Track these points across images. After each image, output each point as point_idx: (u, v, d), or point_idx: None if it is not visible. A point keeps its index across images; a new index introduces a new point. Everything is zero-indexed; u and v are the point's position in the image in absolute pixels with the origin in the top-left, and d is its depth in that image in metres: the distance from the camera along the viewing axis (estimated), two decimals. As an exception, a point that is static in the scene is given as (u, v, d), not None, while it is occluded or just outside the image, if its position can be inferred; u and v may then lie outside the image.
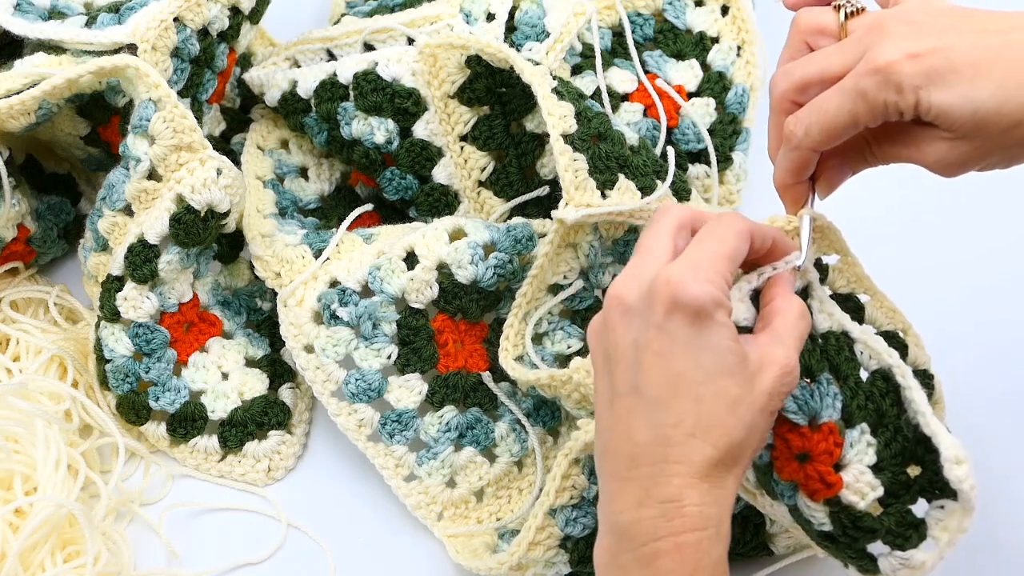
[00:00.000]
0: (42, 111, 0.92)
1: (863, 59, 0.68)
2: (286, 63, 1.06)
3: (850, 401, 0.73)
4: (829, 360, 0.74)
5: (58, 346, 0.95)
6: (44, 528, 0.85)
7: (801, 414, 0.72)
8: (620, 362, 0.68)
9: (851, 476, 0.71)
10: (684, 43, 1.08)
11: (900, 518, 0.71)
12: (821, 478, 0.71)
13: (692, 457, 0.66)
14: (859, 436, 0.72)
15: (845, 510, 0.71)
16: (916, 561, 0.70)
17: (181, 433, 0.94)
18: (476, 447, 0.92)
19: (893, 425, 0.72)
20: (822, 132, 0.70)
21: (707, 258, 0.68)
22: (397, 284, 0.91)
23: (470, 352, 0.93)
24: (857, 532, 0.71)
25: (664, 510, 0.66)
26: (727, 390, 0.66)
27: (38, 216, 1.00)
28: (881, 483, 0.71)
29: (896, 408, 0.73)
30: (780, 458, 0.73)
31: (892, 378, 0.73)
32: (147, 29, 0.93)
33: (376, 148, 0.98)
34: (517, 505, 0.92)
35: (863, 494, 0.71)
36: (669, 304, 0.66)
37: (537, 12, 1.04)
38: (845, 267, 0.81)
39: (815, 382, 0.73)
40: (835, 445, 0.72)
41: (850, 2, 0.73)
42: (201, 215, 0.91)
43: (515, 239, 0.91)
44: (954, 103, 0.66)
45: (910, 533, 0.70)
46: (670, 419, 0.66)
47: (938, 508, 0.71)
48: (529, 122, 0.97)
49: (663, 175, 0.93)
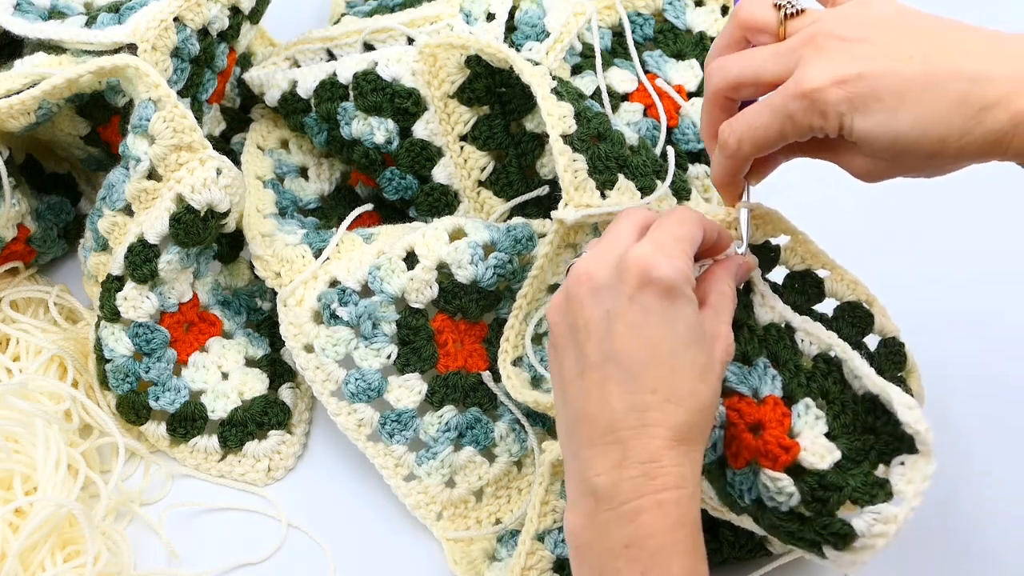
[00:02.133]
0: (42, 111, 0.92)
1: (793, 78, 0.71)
2: (286, 63, 1.06)
3: (790, 381, 0.76)
4: (768, 348, 0.78)
5: (58, 346, 0.95)
6: (44, 528, 0.85)
7: (743, 385, 0.76)
8: (591, 334, 0.71)
9: (807, 441, 0.73)
10: (684, 43, 1.08)
11: (864, 478, 0.73)
12: (778, 442, 0.73)
13: (669, 421, 0.69)
14: (805, 409, 0.75)
15: (809, 473, 0.73)
16: (888, 514, 0.71)
17: (181, 433, 0.94)
18: (475, 447, 0.92)
19: (839, 401, 0.76)
20: (753, 145, 0.74)
21: (671, 239, 0.72)
22: (397, 284, 0.91)
23: (470, 352, 0.93)
24: (825, 492, 0.72)
25: (645, 470, 0.68)
26: (696, 359, 0.70)
27: (38, 216, 1.00)
28: (838, 448, 0.73)
29: (840, 385, 0.76)
30: (735, 437, 0.75)
31: (833, 357, 0.77)
32: (147, 29, 0.93)
33: (376, 148, 0.98)
34: (516, 505, 0.92)
35: (822, 456, 0.73)
36: (641, 279, 0.70)
37: (537, 12, 1.04)
38: (797, 245, 0.84)
39: (751, 366, 0.77)
40: (783, 415, 0.75)
41: (791, 3, 0.74)
42: (201, 215, 0.91)
43: (515, 239, 0.91)
44: (875, 130, 0.69)
45: (876, 491, 0.72)
46: (647, 386, 0.69)
47: (899, 465, 0.73)
48: (529, 122, 0.97)
49: (663, 175, 0.93)
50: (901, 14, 0.71)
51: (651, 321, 0.70)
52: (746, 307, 0.80)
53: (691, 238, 0.73)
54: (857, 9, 0.72)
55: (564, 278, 0.90)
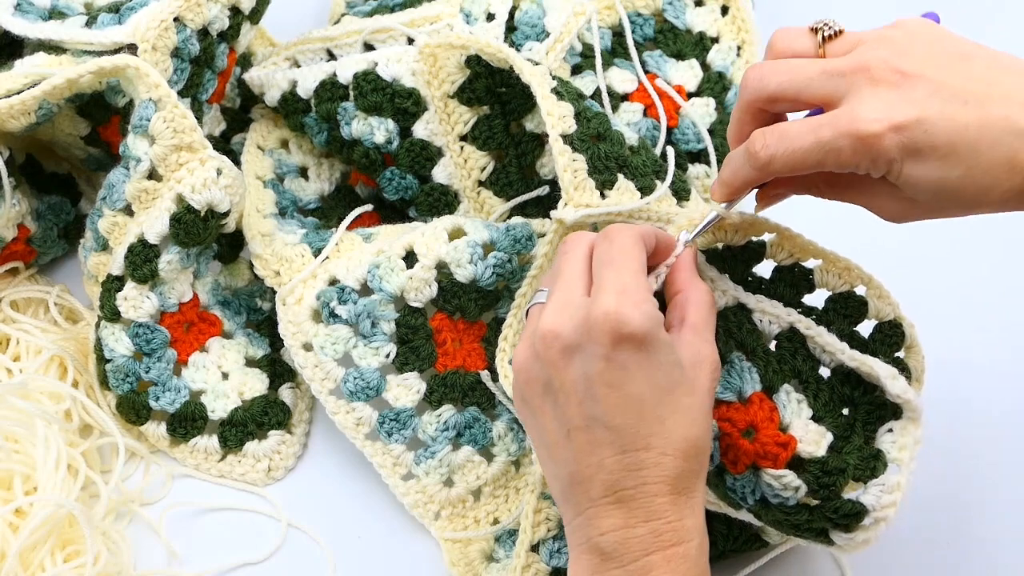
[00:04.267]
0: (42, 111, 0.92)
1: (847, 113, 0.68)
2: (286, 63, 1.06)
3: (764, 369, 0.75)
4: (733, 337, 0.77)
5: (58, 346, 0.95)
6: (44, 528, 0.85)
7: (728, 391, 0.75)
8: (571, 396, 0.70)
9: (799, 431, 0.74)
10: (684, 43, 1.08)
11: (859, 453, 0.73)
12: (774, 441, 0.73)
13: (666, 474, 0.69)
14: (787, 397, 0.75)
15: (810, 463, 0.73)
16: (892, 483, 0.73)
17: (181, 433, 0.94)
18: (474, 446, 0.92)
19: (813, 378, 0.76)
20: (785, 166, 0.71)
21: (629, 279, 0.70)
22: (396, 283, 0.91)
23: (468, 351, 0.93)
24: (829, 477, 0.73)
25: (651, 528, 0.68)
26: (680, 402, 0.69)
27: (38, 216, 1.00)
28: (827, 429, 0.74)
29: (810, 361, 0.76)
30: (730, 446, 0.75)
31: (797, 333, 0.76)
32: (147, 29, 0.93)
33: (376, 148, 0.98)
34: (514, 504, 0.92)
35: (817, 442, 0.74)
36: (613, 336, 0.68)
37: (537, 12, 1.04)
38: (783, 240, 0.82)
39: (727, 363, 0.76)
40: (771, 411, 0.75)
41: (827, 25, 0.73)
42: (201, 215, 0.91)
43: (514, 238, 0.91)
44: (924, 177, 0.68)
45: (874, 464, 0.73)
46: (639, 444, 0.69)
47: (887, 432, 0.74)
48: (529, 122, 0.97)
49: (663, 175, 0.93)
50: (949, 42, 0.70)
51: (631, 377, 0.69)
52: None
53: (640, 264, 0.72)
54: (904, 35, 0.70)
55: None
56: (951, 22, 0.73)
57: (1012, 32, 1.17)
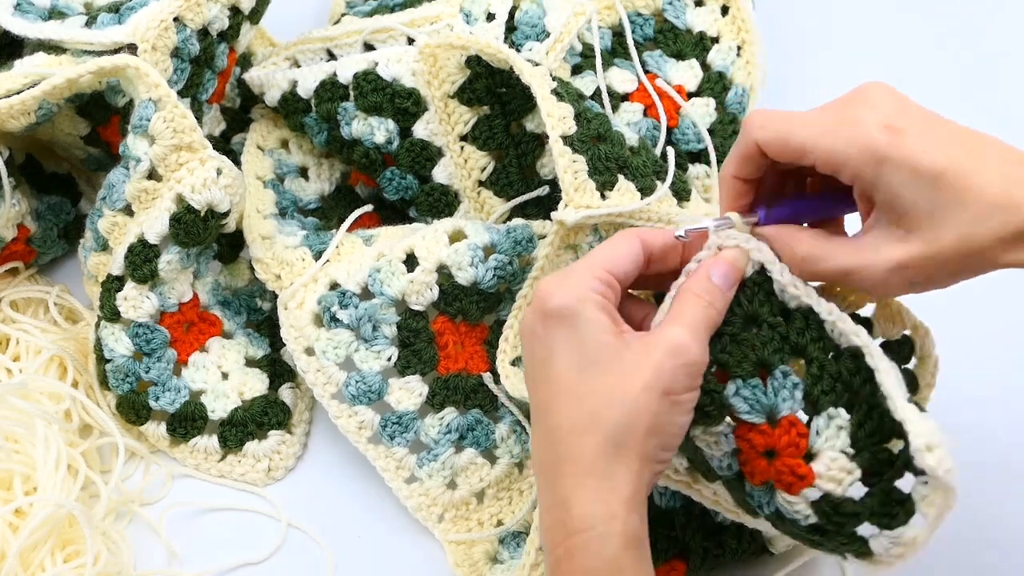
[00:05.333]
0: (42, 111, 0.92)
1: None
2: (286, 63, 1.06)
3: (812, 388, 0.71)
4: (792, 344, 0.72)
5: (58, 346, 0.95)
6: (44, 528, 0.85)
7: (755, 413, 0.71)
8: (528, 381, 0.72)
9: (823, 465, 0.70)
10: (684, 43, 1.08)
11: (884, 497, 0.69)
12: (792, 471, 0.70)
13: (578, 453, 0.67)
14: (827, 422, 0.71)
15: (825, 498, 0.70)
16: (907, 538, 0.68)
17: (181, 433, 0.94)
18: (477, 448, 0.92)
19: (868, 403, 0.71)
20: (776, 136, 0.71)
21: (582, 264, 0.71)
22: (397, 286, 0.91)
23: (470, 354, 0.93)
24: (841, 518, 0.70)
25: (558, 515, 0.67)
26: (602, 380, 0.68)
27: (38, 216, 1.00)
28: (859, 465, 0.70)
29: (869, 385, 0.71)
30: (748, 461, 0.72)
31: (861, 358, 0.71)
32: (147, 29, 0.93)
33: (376, 148, 0.98)
34: (518, 506, 0.92)
35: (839, 480, 0.70)
36: (541, 314, 0.70)
37: (537, 12, 1.04)
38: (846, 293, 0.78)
39: (770, 376, 0.72)
40: (799, 436, 0.71)
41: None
42: (201, 215, 0.91)
43: (515, 240, 0.91)
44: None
45: (896, 511, 0.69)
46: (556, 421, 0.68)
47: (923, 483, 0.68)
48: (529, 122, 0.97)
49: (663, 175, 0.93)
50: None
51: (555, 355, 0.69)
52: (766, 300, 0.74)
53: (610, 257, 0.71)
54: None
55: None
56: (952, 20, 0.73)
57: (1011, 33, 1.18)
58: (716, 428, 0.72)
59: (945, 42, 1.16)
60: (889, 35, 1.18)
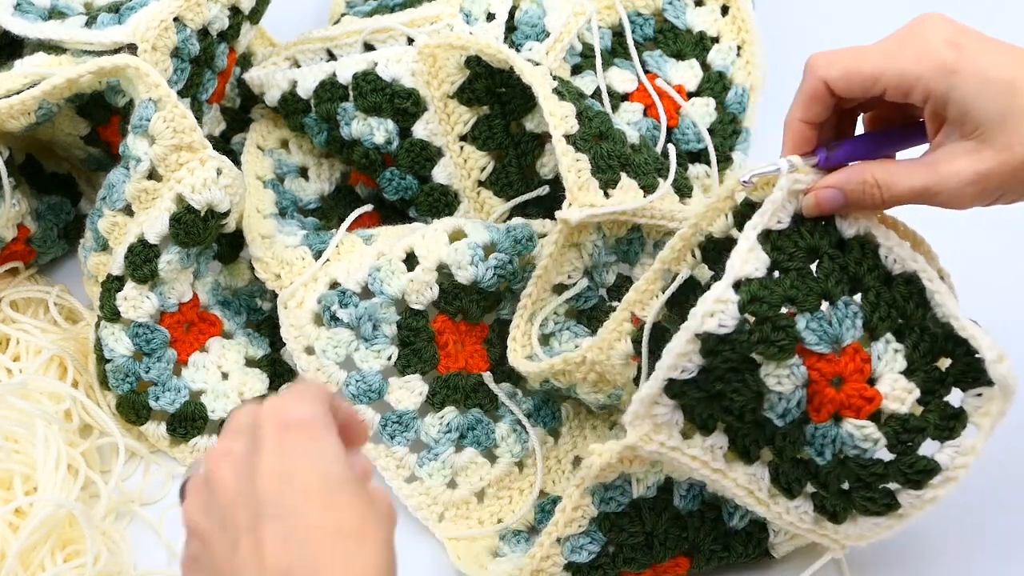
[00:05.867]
0: (42, 111, 0.92)
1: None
2: (286, 63, 1.06)
3: (871, 315, 0.75)
4: (851, 275, 0.76)
5: (58, 346, 0.95)
6: (44, 528, 0.85)
7: (824, 343, 0.74)
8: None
9: (887, 387, 0.74)
10: (684, 43, 1.08)
11: (941, 411, 0.75)
12: (860, 395, 0.74)
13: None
14: (885, 347, 0.75)
15: (892, 418, 0.74)
16: (967, 446, 0.74)
17: (181, 433, 0.94)
18: (477, 448, 0.92)
19: (919, 326, 0.75)
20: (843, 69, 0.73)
21: (305, 389, 0.66)
22: (397, 285, 0.91)
23: (470, 353, 0.93)
24: (909, 435, 0.74)
25: None
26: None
27: (38, 216, 1.00)
28: (916, 384, 0.75)
29: (922, 309, 0.75)
30: (817, 392, 0.74)
31: (917, 281, 0.75)
32: (147, 29, 0.93)
33: (376, 148, 0.98)
34: (518, 506, 0.92)
35: (902, 400, 0.74)
36: (280, 425, 0.63)
37: (537, 12, 1.04)
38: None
39: (833, 306, 0.75)
40: (863, 362, 0.74)
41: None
42: (201, 215, 0.91)
43: (515, 239, 0.91)
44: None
45: (954, 424, 0.74)
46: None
47: (975, 396, 0.75)
48: (529, 122, 0.97)
49: (664, 173, 0.93)
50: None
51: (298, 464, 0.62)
52: (824, 232, 0.76)
53: (324, 395, 0.66)
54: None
55: (568, 278, 0.90)
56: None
57: (1012, 33, 1.18)
58: (789, 361, 0.74)
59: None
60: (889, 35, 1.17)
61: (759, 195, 0.78)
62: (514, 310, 0.91)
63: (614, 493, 0.83)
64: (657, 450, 0.78)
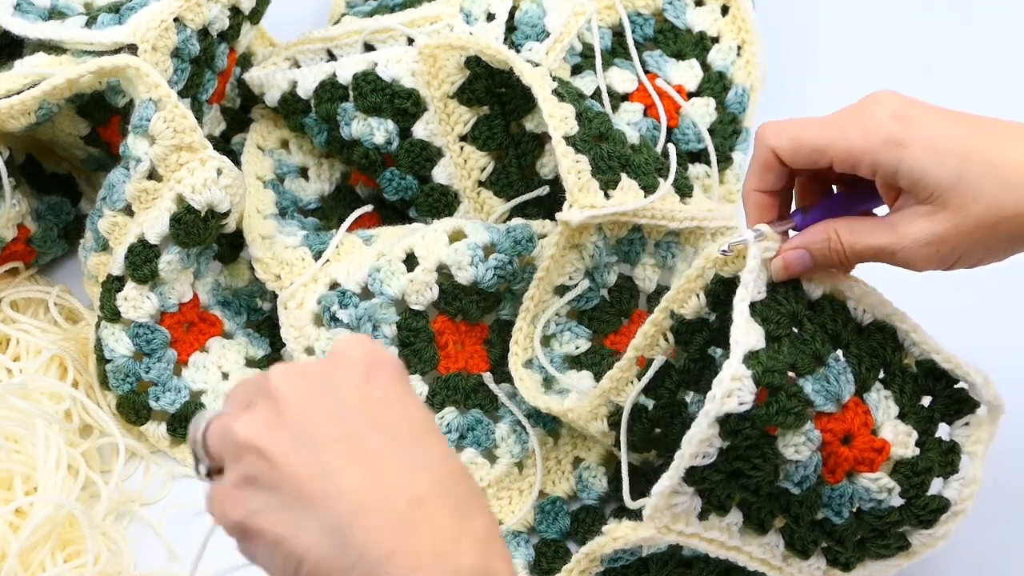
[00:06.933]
0: (42, 111, 0.92)
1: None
2: (286, 63, 1.06)
3: (858, 367, 0.76)
4: (828, 331, 0.76)
5: (58, 346, 0.95)
6: (44, 528, 0.85)
7: (830, 402, 0.74)
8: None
9: (889, 434, 0.76)
10: (684, 43, 1.08)
11: (938, 448, 0.76)
12: (871, 447, 0.75)
13: None
14: (877, 396, 0.76)
15: (901, 464, 0.76)
16: (969, 476, 0.76)
17: (181, 433, 0.94)
18: (477, 448, 0.92)
19: (899, 369, 0.77)
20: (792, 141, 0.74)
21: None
22: (397, 286, 0.91)
23: (470, 353, 0.93)
24: (919, 478, 0.75)
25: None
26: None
27: (38, 216, 1.00)
28: (912, 427, 0.76)
29: (898, 353, 0.77)
30: (831, 454, 0.75)
31: (888, 326, 0.77)
32: (147, 29, 0.93)
33: (376, 148, 0.98)
34: (518, 506, 0.92)
35: (906, 444, 0.76)
36: (371, 360, 0.61)
37: (537, 12, 1.04)
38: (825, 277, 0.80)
39: (826, 366, 0.75)
40: (865, 414, 0.75)
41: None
42: (201, 215, 0.91)
43: (515, 240, 0.91)
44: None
45: (952, 458, 0.77)
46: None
47: (963, 427, 0.77)
48: (529, 122, 0.97)
49: (664, 173, 0.93)
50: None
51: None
52: (796, 297, 0.77)
53: None
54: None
55: (570, 279, 0.90)
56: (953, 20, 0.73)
57: (1012, 33, 1.18)
58: (804, 427, 0.74)
59: (946, 42, 1.16)
60: (889, 35, 1.17)
61: (729, 270, 0.79)
62: (514, 310, 0.91)
63: (622, 553, 0.82)
64: (675, 539, 0.77)
